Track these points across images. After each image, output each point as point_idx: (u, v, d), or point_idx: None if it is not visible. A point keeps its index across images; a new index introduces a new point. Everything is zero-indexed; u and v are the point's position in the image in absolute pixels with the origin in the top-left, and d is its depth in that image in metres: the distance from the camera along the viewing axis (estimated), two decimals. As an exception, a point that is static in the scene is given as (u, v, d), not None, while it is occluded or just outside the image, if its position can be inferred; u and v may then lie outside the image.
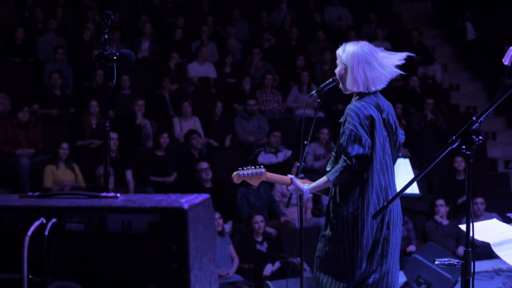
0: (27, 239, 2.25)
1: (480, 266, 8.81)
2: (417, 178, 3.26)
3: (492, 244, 3.13)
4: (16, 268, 2.28)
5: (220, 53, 14.28)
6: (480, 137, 3.02)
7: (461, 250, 10.10)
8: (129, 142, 11.28)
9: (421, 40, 16.15)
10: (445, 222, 10.64)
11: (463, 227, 3.09)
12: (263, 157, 11.28)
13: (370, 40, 5.36)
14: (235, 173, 5.01)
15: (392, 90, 13.60)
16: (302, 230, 5.63)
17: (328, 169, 4.78)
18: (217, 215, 8.93)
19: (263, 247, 9.32)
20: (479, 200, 10.81)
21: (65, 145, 10.11)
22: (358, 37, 6.31)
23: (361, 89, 4.65)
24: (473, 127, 3.00)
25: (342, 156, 4.58)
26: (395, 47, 15.88)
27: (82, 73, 12.69)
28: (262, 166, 5.05)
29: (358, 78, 4.63)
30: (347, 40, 4.97)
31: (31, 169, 10.26)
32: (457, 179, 11.90)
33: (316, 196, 10.53)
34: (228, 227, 9.57)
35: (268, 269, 9.11)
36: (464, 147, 3.02)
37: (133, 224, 2.30)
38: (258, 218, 9.26)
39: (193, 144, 10.95)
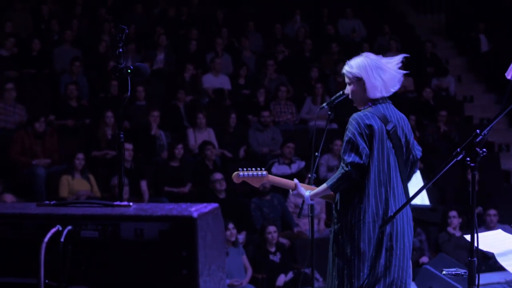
0: (43, 245, 2.35)
1: (493, 277, 8.85)
2: (423, 189, 3.34)
3: (496, 254, 3.20)
4: (33, 273, 2.38)
5: (235, 65, 14.40)
6: (484, 150, 3.09)
7: (473, 261, 10.12)
8: (144, 152, 11.38)
9: (434, 52, 16.22)
10: (458, 233, 10.68)
11: (468, 237, 3.16)
12: (277, 168, 11.37)
13: (384, 52, 5.49)
14: (235, 173, 5.11)
15: (406, 102, 13.69)
16: (313, 240, 5.71)
17: None
18: (231, 225, 9.01)
19: (276, 258, 9.40)
20: (492, 211, 10.84)
21: (80, 156, 10.22)
22: (371, 49, 6.42)
23: (384, 94, 4.76)
24: (477, 140, 3.07)
25: (341, 163, 4.69)
26: (408, 59, 15.89)
27: (97, 84, 12.81)
28: (263, 169, 5.14)
29: (377, 83, 4.74)
30: (361, 52, 5.08)
31: (47, 179, 10.36)
32: (470, 191, 11.92)
33: (329, 207, 10.59)
34: (241, 237, 9.65)
35: (281, 279, 9.19)
36: (468, 159, 3.09)
37: (145, 232, 2.40)
38: (272, 228, 9.35)
39: (208, 155, 11.05)
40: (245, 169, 5.15)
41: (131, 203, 2.58)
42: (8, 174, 10.52)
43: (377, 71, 4.77)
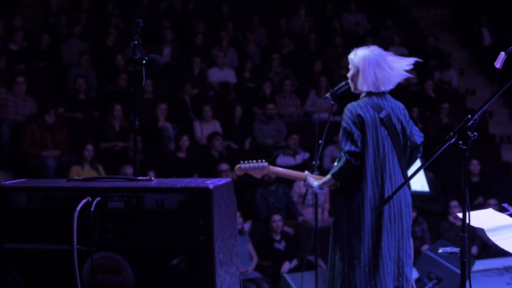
0: (76, 214, 2.62)
1: (491, 263, 9.10)
2: (419, 170, 3.58)
3: (486, 229, 3.44)
4: (66, 240, 2.65)
5: (240, 58, 14.58)
6: (475, 133, 3.33)
7: (474, 249, 10.36)
8: (152, 144, 11.59)
9: (437, 45, 16.36)
10: (459, 223, 10.88)
11: (460, 214, 3.40)
12: (282, 160, 11.59)
13: (387, 45, 5.70)
14: (237, 166, 5.37)
15: (409, 95, 13.89)
16: (317, 228, 5.95)
17: (335, 164, 5.13)
18: (237, 214, 9.22)
19: (281, 246, 9.61)
20: (492, 201, 11.04)
21: (89, 147, 10.43)
22: (375, 43, 6.61)
23: (371, 89, 4.98)
24: (469, 124, 3.31)
25: (341, 152, 4.94)
26: (411, 53, 16.10)
27: (105, 77, 13.00)
28: (264, 160, 5.39)
29: (369, 78, 4.95)
30: (364, 45, 5.29)
31: (57, 170, 10.55)
32: (471, 181, 12.15)
33: (333, 197, 10.81)
34: (247, 226, 9.86)
35: (286, 266, 9.41)
36: (460, 142, 3.34)
37: (166, 202, 2.67)
38: (276, 217, 9.56)
39: (215, 145, 11.25)
40: (246, 161, 5.40)
41: (152, 178, 2.85)
42: (19, 165, 10.74)
43: (374, 67, 4.97)
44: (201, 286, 2.61)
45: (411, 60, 5.09)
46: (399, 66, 5.05)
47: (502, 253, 9.81)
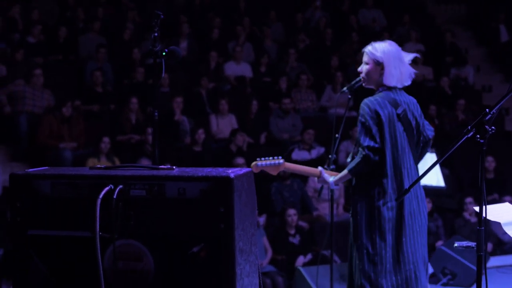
0: (99, 201, 2.66)
1: (506, 260, 9.09)
2: (435, 165, 3.60)
3: (503, 223, 3.46)
4: (88, 227, 2.69)
5: (256, 53, 14.61)
6: (493, 127, 3.34)
7: (489, 246, 10.35)
8: (168, 137, 11.64)
9: (454, 41, 16.32)
10: (474, 219, 10.86)
11: (476, 208, 3.42)
12: (297, 154, 11.61)
13: (403, 41, 5.71)
14: (253, 163, 5.40)
15: (425, 91, 13.87)
16: (333, 223, 5.97)
17: (348, 160, 5.13)
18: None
19: (296, 240, 9.64)
20: (508, 198, 11.03)
21: (106, 139, 10.50)
22: (391, 39, 6.60)
23: (397, 84, 4.97)
24: (487, 118, 3.33)
25: (359, 148, 4.93)
26: (428, 49, 16.02)
27: (122, 71, 13.07)
28: (280, 157, 5.41)
29: (395, 73, 4.94)
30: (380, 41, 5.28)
31: (73, 162, 10.63)
32: (486, 178, 12.14)
33: (348, 192, 10.83)
34: (262, 220, 9.89)
35: (300, 260, 9.43)
36: (478, 136, 3.35)
37: (187, 191, 2.70)
38: (291, 211, 9.59)
39: (237, 139, 11.31)
40: (263, 158, 5.43)
41: (174, 167, 2.89)
42: (36, 157, 10.81)
43: (398, 62, 4.98)
44: (221, 274, 2.64)
45: (412, 56, 5.10)
46: (408, 61, 5.07)
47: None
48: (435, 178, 7.93)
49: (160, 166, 2.88)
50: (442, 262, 8.14)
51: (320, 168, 5.38)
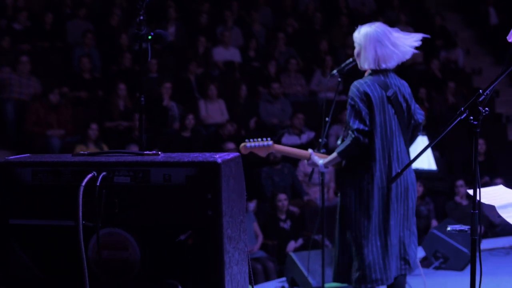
0: (81, 189, 2.56)
1: (498, 242, 9.07)
2: (427, 148, 3.53)
3: (497, 206, 3.39)
4: (71, 216, 2.59)
5: (245, 38, 14.52)
6: (487, 109, 3.27)
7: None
8: (156, 123, 11.55)
9: (443, 24, 16.27)
10: (465, 202, 10.85)
11: (470, 191, 3.35)
12: (287, 139, 11.55)
13: (393, 25, 5.61)
14: (242, 144, 5.34)
15: (415, 74, 13.82)
16: (324, 207, 5.91)
17: (338, 143, 5.08)
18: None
19: (286, 225, 9.59)
20: (498, 181, 11.01)
21: (94, 126, 10.40)
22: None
23: (372, 66, 4.92)
24: (480, 99, 3.25)
25: (349, 130, 4.87)
26: (417, 32, 15.90)
27: (109, 57, 12.96)
28: (269, 139, 5.35)
29: (370, 55, 4.90)
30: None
31: (61, 149, 10.53)
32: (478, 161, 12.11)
33: (339, 176, 10.78)
34: (252, 205, 9.84)
35: (291, 245, 9.39)
36: (471, 118, 3.28)
37: (173, 177, 2.59)
38: (282, 196, 9.53)
39: (226, 127, 11.29)
40: (251, 140, 5.36)
41: (159, 152, 2.79)
42: (23, 144, 10.71)
43: (374, 44, 4.91)
44: (209, 262, 2.55)
45: (419, 36, 5.03)
46: (406, 43, 4.99)
47: (508, 232, 9.80)
48: (426, 162, 7.86)
49: (145, 152, 2.78)
50: (434, 246, 8.09)
51: (310, 150, 5.32)
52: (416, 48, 5.05)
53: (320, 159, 5.21)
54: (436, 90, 13.86)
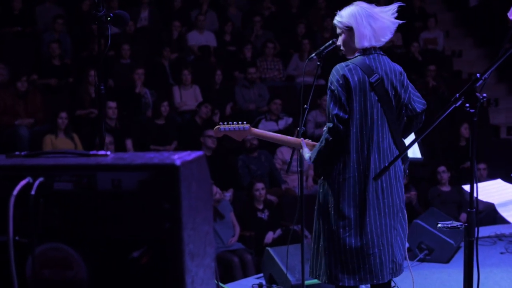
0: (12, 199, 2.16)
1: (483, 231, 8.76)
2: (419, 138, 3.17)
3: (496, 204, 3.05)
4: (2, 229, 2.20)
5: (220, 21, 14.17)
6: (484, 95, 2.91)
7: (463, 216, 10.06)
8: (129, 111, 11.20)
9: (423, 6, 16.04)
10: (447, 188, 10.61)
11: (467, 187, 3.00)
12: (264, 125, 11.23)
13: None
14: (216, 127, 5.01)
15: (394, 57, 13.51)
16: (303, 196, 5.57)
17: (324, 129, 4.70)
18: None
19: (264, 215, 9.27)
20: (482, 166, 10.80)
21: (63, 115, 10.02)
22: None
23: (372, 43, 4.55)
24: (478, 84, 2.89)
25: (329, 117, 4.50)
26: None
27: (80, 43, 12.57)
28: (245, 122, 5.01)
29: (366, 32, 4.53)
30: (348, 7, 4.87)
31: (30, 139, 10.18)
32: (460, 145, 11.87)
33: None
34: (229, 195, 9.52)
35: (270, 236, 9.08)
36: (467, 105, 2.92)
37: (124, 182, 2.18)
38: (259, 185, 9.20)
39: (202, 112, 10.94)
40: (225, 123, 5.03)
41: (108, 152, 2.38)
42: (-10, 135, 10.33)
43: (368, 19, 4.58)
44: (167, 283, 2.16)
45: (394, 6, 4.69)
46: (387, 14, 4.65)
47: (493, 219, 9.51)
48: (411, 150, 7.52)
49: (90, 152, 2.38)
50: (418, 237, 7.76)
51: (302, 140, 4.96)
52: (396, 30, 4.72)
53: (307, 152, 4.85)
54: (416, 74, 13.56)
